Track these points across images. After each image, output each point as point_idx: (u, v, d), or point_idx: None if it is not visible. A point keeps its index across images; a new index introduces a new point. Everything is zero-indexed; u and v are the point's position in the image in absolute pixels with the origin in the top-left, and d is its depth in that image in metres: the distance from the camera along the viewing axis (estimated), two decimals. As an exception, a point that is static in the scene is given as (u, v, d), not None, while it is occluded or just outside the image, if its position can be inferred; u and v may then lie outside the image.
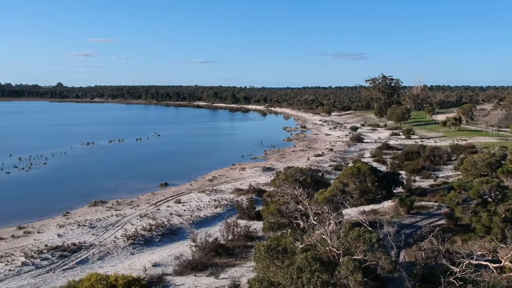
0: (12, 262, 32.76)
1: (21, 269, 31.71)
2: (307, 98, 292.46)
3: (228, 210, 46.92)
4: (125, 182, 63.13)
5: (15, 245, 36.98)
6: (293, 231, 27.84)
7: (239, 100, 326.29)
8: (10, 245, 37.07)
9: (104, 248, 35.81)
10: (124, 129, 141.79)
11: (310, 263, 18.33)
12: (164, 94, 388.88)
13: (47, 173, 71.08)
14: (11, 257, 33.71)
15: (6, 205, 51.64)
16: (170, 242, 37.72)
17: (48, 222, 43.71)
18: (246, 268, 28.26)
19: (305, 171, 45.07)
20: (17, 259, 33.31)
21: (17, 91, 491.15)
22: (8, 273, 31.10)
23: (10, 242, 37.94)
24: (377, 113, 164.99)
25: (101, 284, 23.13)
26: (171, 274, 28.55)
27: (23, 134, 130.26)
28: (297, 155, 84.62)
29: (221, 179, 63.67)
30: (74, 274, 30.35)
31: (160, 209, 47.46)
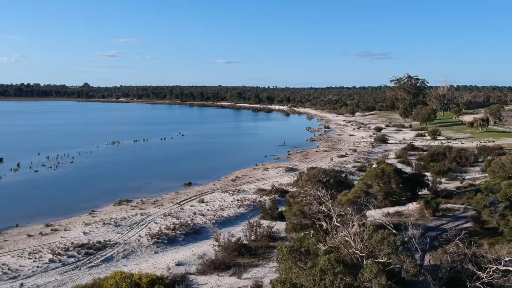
0: (39, 259, 33.49)
1: (48, 266, 32.38)
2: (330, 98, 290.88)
3: (251, 210, 46.99)
4: (149, 181, 63.87)
5: (42, 242, 37.80)
6: (316, 233, 27.75)
7: (262, 100, 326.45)
8: (38, 242, 37.90)
9: (129, 247, 36.28)
10: (149, 129, 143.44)
11: (333, 265, 18.22)
12: (188, 94, 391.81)
13: (73, 171, 72.43)
14: (39, 254, 34.47)
15: (34, 203, 52.83)
16: (193, 242, 37.98)
17: (74, 220, 44.56)
18: (269, 268, 28.25)
19: (328, 172, 44.83)
20: (44, 256, 34.04)
21: (45, 91, 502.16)
22: (36, 269, 31.81)
23: (38, 239, 38.80)
24: (402, 114, 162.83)
25: (125, 282, 23.48)
26: (194, 273, 28.74)
27: (51, 134, 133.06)
28: (320, 156, 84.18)
29: (244, 179, 63.80)
30: (99, 271, 30.84)
31: (184, 208, 47.84)
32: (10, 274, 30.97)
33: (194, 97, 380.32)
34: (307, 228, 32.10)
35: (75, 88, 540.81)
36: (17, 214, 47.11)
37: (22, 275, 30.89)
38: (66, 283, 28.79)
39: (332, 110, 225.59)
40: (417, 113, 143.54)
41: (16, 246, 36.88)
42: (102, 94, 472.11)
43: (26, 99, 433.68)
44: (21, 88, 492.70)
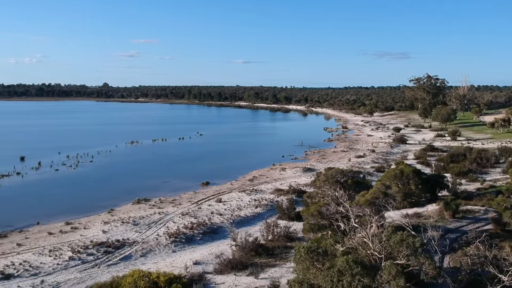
0: (60, 256, 34.01)
1: (68, 263, 32.87)
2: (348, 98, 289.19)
3: (268, 210, 47.00)
4: (168, 180, 64.35)
5: (63, 240, 38.39)
6: (333, 233, 27.62)
7: (280, 100, 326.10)
8: (58, 239, 38.50)
9: (147, 245, 36.61)
10: (167, 129, 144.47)
11: (351, 266, 18.11)
12: (206, 94, 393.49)
13: (93, 170, 73.37)
14: (59, 251, 35.00)
15: (55, 201, 53.69)
16: (211, 241, 38.14)
17: (93, 219, 45.13)
18: (286, 269, 28.21)
19: (346, 172, 44.58)
20: (64, 254, 34.55)
21: (65, 91, 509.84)
22: (56, 266, 32.32)
23: (58, 237, 39.40)
24: (422, 114, 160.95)
25: (144, 281, 23.65)
26: (211, 272, 28.86)
27: (71, 133, 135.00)
28: (338, 156, 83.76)
29: (261, 179, 63.84)
30: (118, 270, 31.18)
31: (202, 207, 48.07)
32: (31, 271, 31.53)
33: (212, 97, 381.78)
34: (324, 228, 31.96)
35: (95, 88, 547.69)
36: (38, 212, 47.94)
37: (43, 272, 31.42)
38: (86, 281, 29.16)
39: (350, 110, 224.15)
40: (436, 114, 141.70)
41: (37, 244, 37.51)
42: (121, 94, 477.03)
43: (47, 99, 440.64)
44: (43, 88, 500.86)
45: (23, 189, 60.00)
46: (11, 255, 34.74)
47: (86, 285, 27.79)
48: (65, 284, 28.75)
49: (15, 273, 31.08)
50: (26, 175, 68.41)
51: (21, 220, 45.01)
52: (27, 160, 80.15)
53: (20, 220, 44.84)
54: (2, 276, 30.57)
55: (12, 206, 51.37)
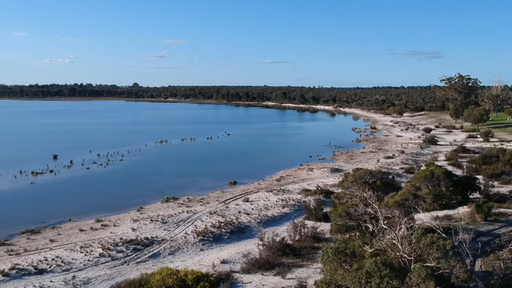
0: (90, 253, 34.73)
1: (99, 260, 33.52)
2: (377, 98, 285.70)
3: (295, 210, 46.88)
4: (196, 179, 64.91)
5: (93, 237, 39.17)
6: (362, 235, 27.35)
7: (308, 100, 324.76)
8: (89, 236, 39.31)
9: (175, 243, 37.01)
10: (195, 128, 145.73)
11: (380, 268, 17.92)
12: (234, 94, 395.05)
13: (122, 169, 74.63)
14: (90, 248, 35.74)
15: (86, 198, 54.82)
16: (238, 240, 38.29)
17: (123, 216, 45.89)
18: (313, 269, 28.11)
19: (374, 173, 44.10)
20: (95, 250, 35.26)
21: (97, 91, 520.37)
22: (87, 263, 33.02)
23: (89, 234, 40.23)
24: (453, 114, 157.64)
25: (172, 279, 23.94)
26: (238, 271, 28.98)
27: (102, 132, 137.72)
28: (366, 157, 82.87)
29: (288, 179, 63.71)
30: (147, 267, 31.63)
31: (229, 207, 48.31)
32: (63, 266, 32.30)
33: (239, 97, 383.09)
34: (352, 229, 31.70)
35: (125, 88, 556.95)
36: (70, 209, 49.06)
37: (74, 268, 32.14)
38: (115, 277, 29.68)
39: (379, 111, 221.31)
40: (468, 114, 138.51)
41: (69, 240, 38.40)
42: (151, 94, 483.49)
43: (79, 99, 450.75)
44: (75, 88, 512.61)
45: (56, 187, 61.51)
46: (44, 251, 35.68)
47: (115, 282, 28.29)
48: (96, 280, 29.34)
49: (48, 268, 31.90)
50: (58, 173, 70.12)
51: (53, 216, 46.17)
52: (60, 159, 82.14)
53: (53, 217, 45.99)
54: (36, 271, 31.43)
55: (45, 203, 52.74)
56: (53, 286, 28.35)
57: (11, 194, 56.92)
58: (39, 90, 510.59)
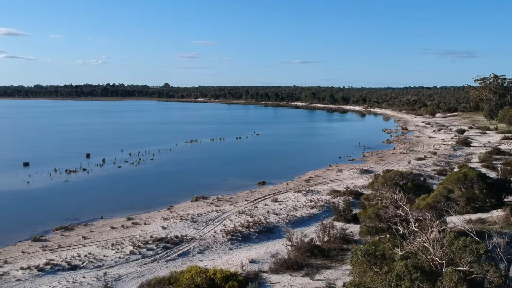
0: (121, 250, 35.37)
1: (129, 257, 34.11)
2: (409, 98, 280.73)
3: (324, 211, 46.60)
4: (225, 179, 65.30)
5: (124, 234, 39.89)
6: (392, 237, 26.98)
7: (337, 101, 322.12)
8: (120, 234, 40.05)
9: (204, 242, 37.33)
10: (225, 128, 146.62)
11: (410, 271, 17.64)
12: (264, 94, 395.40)
13: (153, 168, 75.73)
14: (121, 246, 36.41)
15: (117, 196, 55.89)
16: (266, 240, 38.34)
17: (153, 215, 46.57)
18: (342, 271, 27.91)
19: (405, 174, 43.44)
20: (126, 248, 35.89)
21: (128, 91, 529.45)
22: (118, 260, 33.65)
23: (120, 231, 40.99)
24: (487, 115, 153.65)
25: (201, 277, 24.18)
26: (267, 271, 29.03)
27: (133, 131, 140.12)
28: (397, 158, 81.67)
29: (317, 180, 63.39)
30: (176, 265, 32.00)
31: (258, 206, 48.40)
32: (95, 263, 33.01)
33: (269, 97, 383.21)
34: (382, 232, 31.32)
35: (156, 88, 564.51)
36: (102, 206, 50.12)
37: (106, 264, 32.81)
38: (145, 275, 30.13)
39: (410, 111, 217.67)
40: (503, 115, 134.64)
41: (101, 237, 39.21)
42: (182, 94, 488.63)
43: (111, 99, 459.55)
44: (107, 88, 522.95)
45: (89, 185, 62.92)
46: (77, 247, 36.55)
47: (145, 279, 28.71)
48: (126, 277, 29.87)
49: (80, 265, 32.67)
50: (91, 171, 71.70)
51: (86, 214, 47.27)
52: (92, 157, 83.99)
53: (86, 214, 47.09)
54: (69, 266, 32.23)
55: (79, 200, 53.99)
56: (85, 282, 29.00)
57: (46, 191, 58.56)
58: (73, 90, 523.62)
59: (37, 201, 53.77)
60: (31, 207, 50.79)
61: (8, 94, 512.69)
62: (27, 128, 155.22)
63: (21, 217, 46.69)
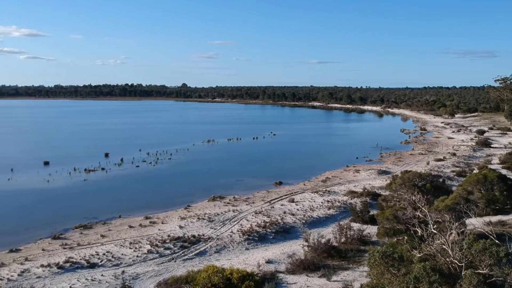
0: (139, 249, 35.70)
1: (147, 256, 34.42)
2: (427, 99, 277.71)
3: (341, 212, 46.39)
4: (242, 179, 65.44)
5: (142, 233, 40.26)
6: (410, 239, 26.75)
7: (355, 101, 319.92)
8: (138, 233, 40.43)
9: (221, 242, 37.46)
10: (242, 128, 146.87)
11: (429, 273, 17.48)
12: (280, 94, 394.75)
13: (171, 167, 76.26)
14: (139, 244, 36.75)
15: (135, 196, 56.41)
16: (283, 240, 38.31)
17: (171, 214, 46.90)
18: (359, 272, 27.76)
19: (424, 176, 42.93)
20: (143, 247, 36.22)
21: (147, 91, 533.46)
22: (136, 258, 33.97)
23: (138, 230, 41.38)
24: (508, 116, 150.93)
25: (217, 276, 24.30)
26: (283, 272, 29.02)
27: (151, 131, 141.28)
28: (415, 159, 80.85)
29: (334, 180, 63.11)
30: (193, 264, 32.18)
31: (274, 207, 48.40)
32: (113, 261, 33.38)
33: (285, 97, 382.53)
34: (400, 233, 31.07)
35: (174, 88, 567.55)
36: (120, 205, 50.65)
37: (124, 263, 33.15)
38: (163, 274, 30.36)
39: (429, 111, 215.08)
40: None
41: (119, 236, 39.64)
42: (199, 94, 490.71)
43: (130, 99, 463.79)
44: (126, 88, 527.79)
45: (107, 184, 63.64)
46: (96, 246, 37.01)
47: (162, 278, 28.93)
48: (144, 276, 30.14)
49: (99, 263, 33.08)
50: (109, 171, 72.51)
51: (105, 212, 47.83)
52: (111, 157, 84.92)
53: (104, 213, 47.64)
54: (88, 264, 32.67)
55: (97, 199, 54.66)
56: (103, 280, 29.35)
57: (65, 190, 59.40)
58: (92, 90, 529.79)
59: (57, 199, 54.61)
60: (51, 206, 51.64)
61: (29, 94, 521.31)
62: (47, 127, 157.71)
63: (41, 215, 47.49)
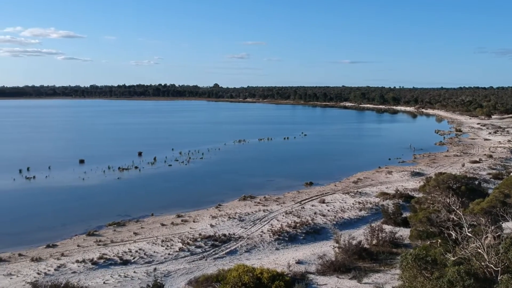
0: (171, 247, 36.20)
1: (178, 254, 34.86)
2: (463, 99, 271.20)
3: (372, 214, 45.85)
4: (272, 179, 65.48)
5: (173, 231, 40.79)
6: (444, 242, 26.20)
7: (388, 101, 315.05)
8: (170, 231, 40.99)
9: (251, 241, 37.60)
10: (273, 128, 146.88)
11: (463, 277, 17.09)
12: (312, 94, 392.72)
13: (203, 167, 76.97)
14: (170, 242, 37.25)
15: (167, 194, 57.23)
16: (313, 241, 38.16)
17: (202, 213, 47.37)
18: (391, 275, 27.39)
19: (459, 178, 41.98)
20: (175, 245, 36.70)
21: (179, 91, 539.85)
22: (167, 256, 34.47)
23: (170, 228, 41.95)
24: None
25: (248, 276, 24.40)
26: (313, 273, 28.91)
27: (183, 131, 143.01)
28: (450, 161, 79.10)
29: (366, 182, 62.40)
30: (224, 263, 32.42)
31: (305, 207, 48.24)
32: (145, 258, 33.96)
33: (317, 98, 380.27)
34: (433, 236, 30.47)
35: (206, 88, 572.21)
36: (152, 204, 51.46)
37: (156, 260, 33.68)
38: (194, 272, 30.69)
39: (464, 112, 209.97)
40: None
41: (151, 234, 40.29)
42: (230, 94, 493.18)
43: (163, 99, 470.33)
44: (159, 89, 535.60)
45: (140, 182, 64.76)
46: (129, 243, 37.73)
47: (193, 276, 29.25)
48: (175, 274, 30.55)
49: (131, 260, 33.71)
50: (143, 169, 73.77)
51: (137, 210, 48.70)
52: (144, 156, 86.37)
53: (137, 211, 48.51)
54: (121, 261, 33.35)
55: (130, 197, 55.73)
56: (136, 277, 29.90)
57: (100, 188, 60.78)
58: (126, 90, 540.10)
59: (92, 197, 55.93)
60: (86, 203, 52.94)
61: (66, 94, 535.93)
62: (83, 126, 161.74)
63: (77, 212, 48.76)
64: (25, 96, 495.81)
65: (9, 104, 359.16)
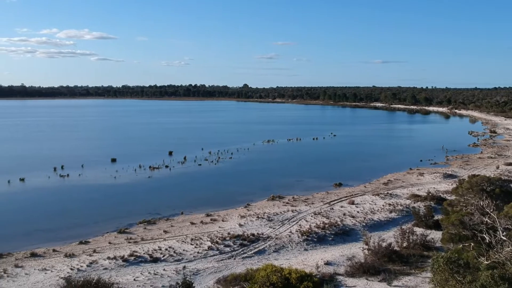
0: (200, 246, 36.53)
1: (207, 253, 35.16)
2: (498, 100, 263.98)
3: (403, 216, 45.17)
4: (301, 179, 65.27)
5: (203, 230, 41.16)
6: (477, 245, 25.62)
7: (419, 102, 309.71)
8: (199, 230, 41.37)
9: (280, 241, 37.58)
10: (302, 129, 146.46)
11: (497, 282, 16.70)
12: (341, 95, 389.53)
13: (232, 166, 77.39)
14: (200, 241, 37.60)
15: (197, 193, 57.70)
16: (342, 242, 37.88)
17: (231, 212, 47.62)
18: (421, 278, 26.94)
19: (493, 180, 40.89)
20: (204, 243, 37.02)
21: (209, 91, 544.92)
22: (196, 255, 34.81)
23: (199, 227, 42.35)
24: None
25: (276, 276, 24.43)
26: (342, 274, 28.70)
27: (213, 130, 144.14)
28: (484, 163, 77.16)
29: (396, 183, 61.49)
30: (252, 263, 32.52)
31: (334, 208, 47.91)
32: (175, 256, 34.38)
33: (346, 98, 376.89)
34: (466, 239, 29.79)
35: (236, 88, 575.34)
36: (182, 202, 52.09)
37: (185, 258, 34.05)
38: (222, 271, 30.91)
39: (499, 113, 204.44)
40: None
41: (181, 232, 40.75)
42: (260, 94, 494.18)
43: (193, 99, 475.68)
44: (189, 89, 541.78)
45: (170, 181, 65.62)
46: (159, 241, 38.27)
47: (222, 275, 29.45)
48: (204, 272, 30.83)
49: (161, 257, 34.18)
50: (173, 168, 74.71)
51: (167, 209, 49.35)
52: (175, 155, 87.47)
53: (167, 209, 49.16)
54: (151, 259, 33.86)
55: (161, 196, 56.47)
56: (165, 275, 30.32)
57: (131, 186, 61.86)
58: (157, 91, 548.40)
59: (123, 195, 56.98)
60: (117, 201, 53.99)
61: (99, 94, 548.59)
62: (115, 126, 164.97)
63: (108, 210, 49.77)
64: (59, 96, 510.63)
65: (45, 104, 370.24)
